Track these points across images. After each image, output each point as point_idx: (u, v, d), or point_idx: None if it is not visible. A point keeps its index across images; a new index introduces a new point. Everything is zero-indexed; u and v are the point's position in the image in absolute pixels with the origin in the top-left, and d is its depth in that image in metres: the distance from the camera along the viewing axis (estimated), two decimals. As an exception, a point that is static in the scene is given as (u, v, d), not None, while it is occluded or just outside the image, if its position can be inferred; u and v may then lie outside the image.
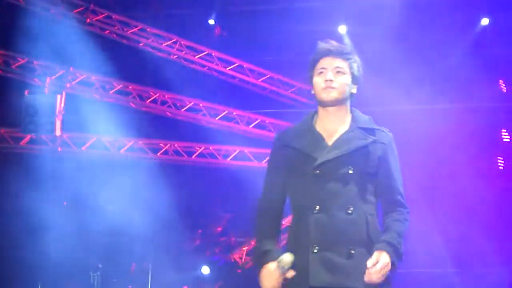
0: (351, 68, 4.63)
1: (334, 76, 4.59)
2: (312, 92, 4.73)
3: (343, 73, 4.60)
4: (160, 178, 15.78)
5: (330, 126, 4.65)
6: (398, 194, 4.64)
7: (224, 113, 16.48)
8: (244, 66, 16.84)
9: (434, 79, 14.92)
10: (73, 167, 15.68)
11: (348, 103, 4.70)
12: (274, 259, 4.49)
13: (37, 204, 15.03)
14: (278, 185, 4.71)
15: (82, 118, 15.69)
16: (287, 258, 4.42)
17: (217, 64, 16.83)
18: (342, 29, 15.79)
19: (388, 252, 4.40)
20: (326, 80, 4.59)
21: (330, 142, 4.58)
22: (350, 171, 4.48)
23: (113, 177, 15.40)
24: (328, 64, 4.63)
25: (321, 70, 4.64)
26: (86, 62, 15.79)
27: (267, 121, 16.59)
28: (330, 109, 4.65)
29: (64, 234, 15.43)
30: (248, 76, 16.88)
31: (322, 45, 4.73)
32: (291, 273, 4.43)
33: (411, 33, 14.74)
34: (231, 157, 16.37)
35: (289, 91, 16.89)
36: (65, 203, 16.50)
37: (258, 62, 16.76)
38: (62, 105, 15.22)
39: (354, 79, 4.66)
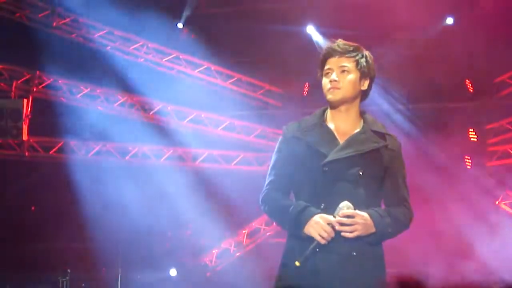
0: (358, 65, 4.60)
1: (339, 76, 4.56)
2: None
3: (349, 72, 4.57)
4: (130, 181, 15.75)
5: (341, 124, 4.62)
6: (405, 201, 4.66)
7: (192, 116, 16.44)
8: (212, 68, 16.81)
9: (401, 79, 14.99)
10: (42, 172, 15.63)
11: (358, 101, 4.67)
12: (317, 212, 4.39)
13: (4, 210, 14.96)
14: (285, 178, 4.63)
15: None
16: (346, 202, 4.35)
17: (185, 67, 16.79)
18: (310, 29, 15.83)
19: (371, 215, 4.40)
20: (331, 81, 4.56)
21: (341, 140, 4.55)
22: (360, 172, 4.46)
23: (81, 181, 15.38)
24: (333, 64, 4.60)
25: (327, 71, 4.61)
26: (53, 66, 15.68)
27: (235, 124, 16.58)
28: (340, 108, 4.62)
29: (33, 238, 15.37)
30: (216, 78, 16.85)
31: (328, 45, 4.70)
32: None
33: (375, 34, 14.81)
34: (200, 159, 16.34)
35: (258, 93, 16.89)
36: (33, 208, 16.41)
37: (226, 64, 16.73)
38: (29, 109, 15.09)
39: (364, 75, 4.63)
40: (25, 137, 15.08)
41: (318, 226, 4.34)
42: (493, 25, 14.69)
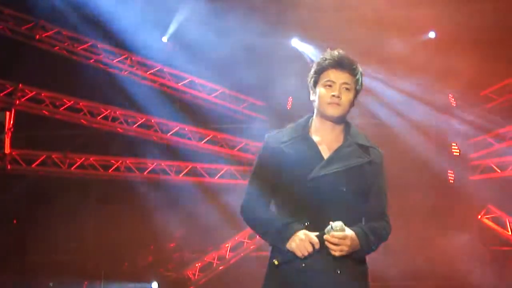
0: (356, 84, 4.56)
1: (341, 92, 4.51)
2: (312, 99, 4.64)
3: (349, 90, 4.53)
4: (112, 195, 15.71)
5: (326, 137, 4.58)
6: (385, 215, 4.65)
7: (176, 129, 16.41)
8: (196, 81, 16.81)
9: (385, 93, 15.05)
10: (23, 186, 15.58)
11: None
12: (300, 227, 4.35)
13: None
14: (266, 188, 4.58)
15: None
16: (339, 222, 4.30)
17: (168, 80, 16.77)
18: (295, 42, 15.95)
19: (357, 234, 4.37)
20: (333, 96, 4.50)
21: (325, 155, 4.51)
22: (344, 189, 4.43)
23: (62, 194, 15.33)
24: (336, 77, 4.53)
25: (329, 83, 4.53)
26: (36, 79, 15.63)
27: (219, 137, 16.57)
28: (330, 122, 4.59)
29: (15, 252, 15.30)
30: (200, 91, 16.85)
31: (333, 54, 4.60)
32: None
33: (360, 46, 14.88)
34: (183, 173, 16.30)
35: (241, 106, 16.90)
36: (15, 221, 16.33)
37: (210, 77, 16.73)
38: (11, 122, 15.02)
39: (357, 94, 4.60)
40: (7, 150, 15.01)
41: (301, 243, 4.31)
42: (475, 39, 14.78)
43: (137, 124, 16.34)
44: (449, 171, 15.67)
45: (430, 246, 14.35)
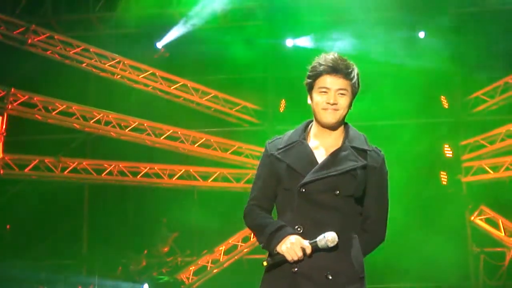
0: (352, 87, 4.47)
1: (337, 99, 4.44)
2: (309, 103, 4.55)
3: (345, 95, 4.45)
4: (106, 198, 15.71)
5: (324, 142, 4.54)
6: (382, 221, 4.63)
7: (169, 133, 16.40)
8: (189, 85, 16.81)
9: (378, 96, 15.06)
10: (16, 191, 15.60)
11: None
12: (293, 232, 4.34)
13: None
14: (267, 194, 4.60)
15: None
16: (333, 234, 4.27)
17: (161, 84, 16.77)
18: (290, 42, 16.02)
19: None
20: (329, 103, 4.44)
21: (320, 159, 4.47)
22: (336, 193, 4.40)
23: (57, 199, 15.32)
24: (331, 84, 4.44)
25: (324, 90, 4.45)
26: (28, 83, 15.63)
27: (212, 140, 16.55)
28: (327, 127, 4.54)
29: (8, 256, 15.28)
30: (192, 95, 16.84)
31: (327, 59, 4.49)
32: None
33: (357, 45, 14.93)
34: (176, 176, 16.29)
35: (234, 109, 16.89)
36: (8, 226, 16.31)
37: (203, 81, 16.76)
38: (4, 126, 15.00)
39: (354, 96, 4.52)
40: (0, 154, 14.99)
41: (292, 246, 4.30)
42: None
43: (130, 128, 16.32)
44: (442, 172, 15.70)
45: (423, 248, 14.35)
